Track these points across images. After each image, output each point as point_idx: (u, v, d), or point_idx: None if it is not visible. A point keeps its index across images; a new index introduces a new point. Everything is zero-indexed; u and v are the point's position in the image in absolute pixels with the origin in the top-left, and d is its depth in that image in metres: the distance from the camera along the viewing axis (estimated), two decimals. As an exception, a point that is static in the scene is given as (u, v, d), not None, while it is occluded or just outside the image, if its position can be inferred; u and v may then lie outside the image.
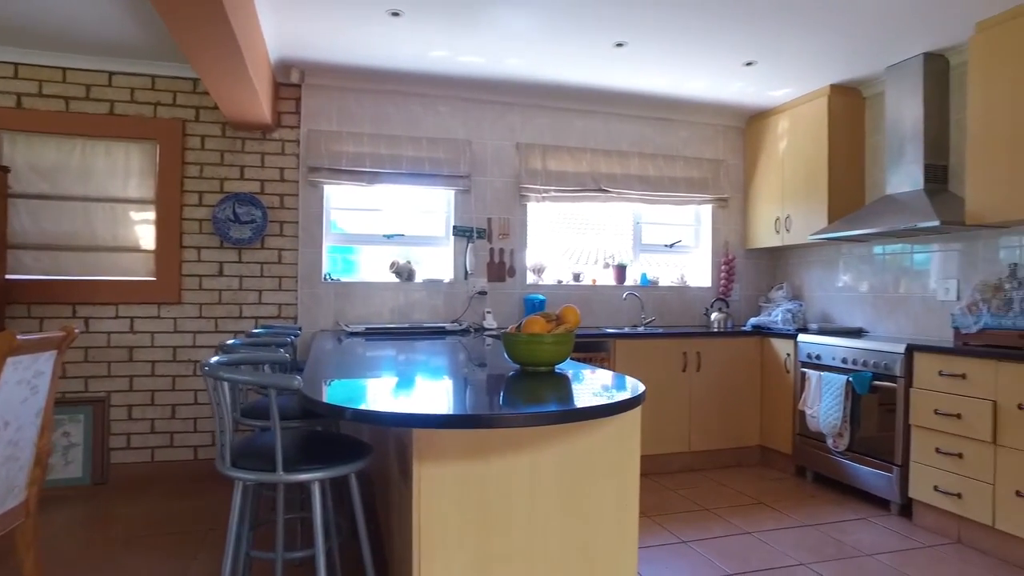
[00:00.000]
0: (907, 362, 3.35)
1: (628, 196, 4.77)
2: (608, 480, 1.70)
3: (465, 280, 4.51)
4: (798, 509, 3.53)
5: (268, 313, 4.15)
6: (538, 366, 2.03)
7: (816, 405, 3.82)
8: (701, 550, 2.96)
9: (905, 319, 4.04)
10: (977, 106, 3.31)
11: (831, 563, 2.83)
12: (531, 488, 1.63)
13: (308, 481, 1.64)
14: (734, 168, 5.12)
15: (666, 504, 3.60)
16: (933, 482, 3.19)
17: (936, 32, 3.46)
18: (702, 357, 4.28)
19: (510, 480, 1.61)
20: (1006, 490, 2.86)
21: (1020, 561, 2.85)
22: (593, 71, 4.09)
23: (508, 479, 1.60)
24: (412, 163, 4.34)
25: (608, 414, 1.47)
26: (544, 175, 4.63)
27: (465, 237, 4.51)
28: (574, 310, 2.07)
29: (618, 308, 4.81)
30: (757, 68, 3.99)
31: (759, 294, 5.15)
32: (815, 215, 4.32)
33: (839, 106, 4.27)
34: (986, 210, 3.25)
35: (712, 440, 4.32)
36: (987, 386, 2.95)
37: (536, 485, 1.63)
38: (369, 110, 4.33)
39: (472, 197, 4.54)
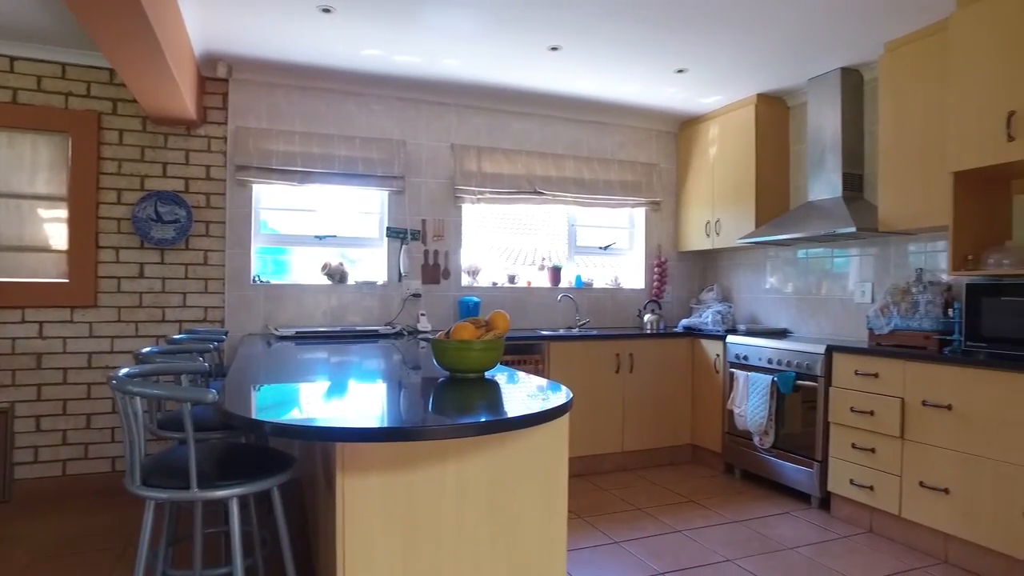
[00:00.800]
0: (827, 362, 3.49)
1: (563, 198, 4.81)
2: (536, 487, 1.70)
3: (399, 282, 4.45)
4: (726, 506, 3.63)
5: (193, 317, 3.98)
6: (467, 372, 2.02)
7: (743, 404, 3.94)
8: (633, 550, 3.01)
9: (826, 320, 4.22)
10: (887, 120, 3.49)
11: (756, 558, 2.92)
12: (458, 497, 1.61)
13: (225, 498, 1.57)
14: (667, 172, 5.24)
15: (600, 505, 3.65)
16: (849, 476, 3.34)
17: (850, 49, 3.62)
18: (635, 358, 4.35)
19: (437, 490, 1.58)
20: (911, 481, 3.02)
21: (922, 546, 3.01)
22: (529, 73, 4.10)
23: (435, 489, 1.58)
24: (345, 163, 4.25)
25: (534, 424, 1.47)
26: (479, 177, 4.61)
27: (399, 239, 4.45)
28: (504, 316, 2.07)
29: (553, 310, 4.84)
30: (688, 75, 4.09)
31: (690, 296, 5.28)
32: (743, 219, 4.46)
33: (765, 114, 4.42)
34: (896, 218, 3.42)
35: (645, 440, 4.40)
36: (896, 384, 3.11)
37: (463, 494, 1.61)
38: (300, 108, 4.21)
39: (406, 198, 4.48)
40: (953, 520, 2.85)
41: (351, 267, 4.43)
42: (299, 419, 1.40)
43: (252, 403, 1.62)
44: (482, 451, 1.63)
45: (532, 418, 1.47)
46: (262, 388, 1.86)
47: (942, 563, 2.90)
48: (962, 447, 2.82)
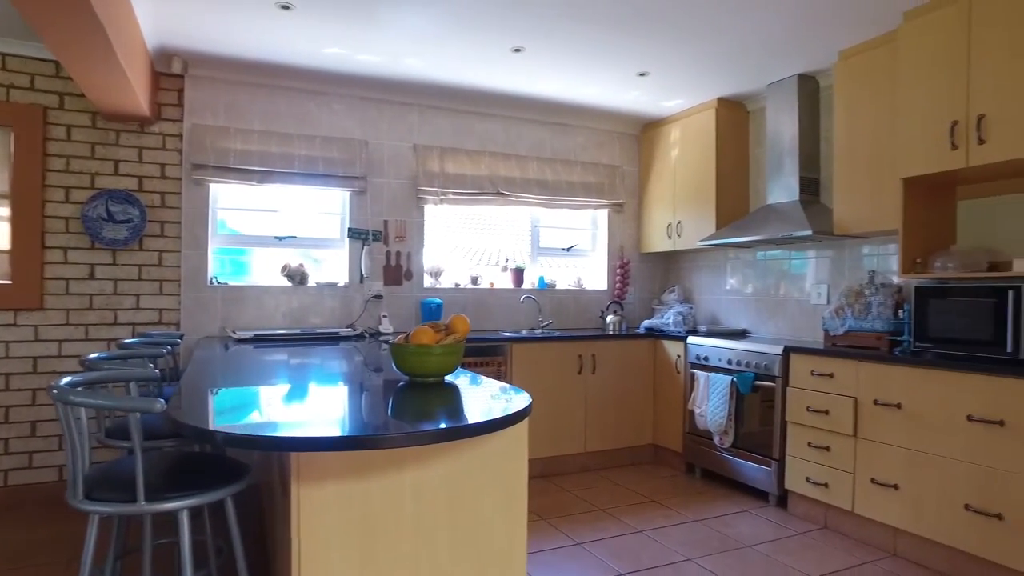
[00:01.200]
0: (784, 362, 3.56)
1: (526, 200, 4.81)
2: (496, 492, 1.69)
3: (361, 284, 4.40)
4: (687, 505, 3.67)
5: (147, 319, 3.87)
6: (427, 377, 2.00)
7: (704, 404, 4.00)
8: (595, 551, 3.02)
9: (784, 321, 4.30)
10: (841, 126, 3.58)
11: (715, 556, 2.96)
12: (416, 504, 1.59)
13: (174, 510, 1.52)
14: (629, 174, 5.28)
15: (562, 506, 3.65)
16: (805, 474, 3.41)
17: (807, 56, 3.70)
18: (597, 359, 4.38)
19: (395, 497, 1.56)
20: (863, 478, 3.10)
21: (874, 541, 3.10)
22: (492, 74, 4.09)
23: (393, 496, 1.56)
24: (305, 163, 4.18)
25: (493, 430, 1.46)
26: (442, 177, 4.58)
27: (360, 239, 4.39)
28: (464, 319, 2.05)
29: (516, 311, 4.84)
30: (650, 79, 4.12)
31: (652, 297, 5.33)
32: (704, 221, 4.53)
33: (726, 119, 4.49)
34: (850, 221, 3.51)
35: (607, 440, 4.43)
36: (850, 384, 3.19)
37: (422, 501, 1.59)
38: (259, 106, 4.13)
39: (368, 199, 4.43)
40: (902, 515, 2.93)
41: (317, 267, 4.36)
42: (252, 428, 1.37)
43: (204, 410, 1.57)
44: (441, 457, 1.61)
45: (491, 424, 1.46)
46: (216, 394, 1.81)
47: (891, 556, 2.98)
48: (910, 444, 2.90)
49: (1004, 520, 2.57)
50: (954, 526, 2.73)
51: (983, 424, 2.64)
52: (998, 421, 2.59)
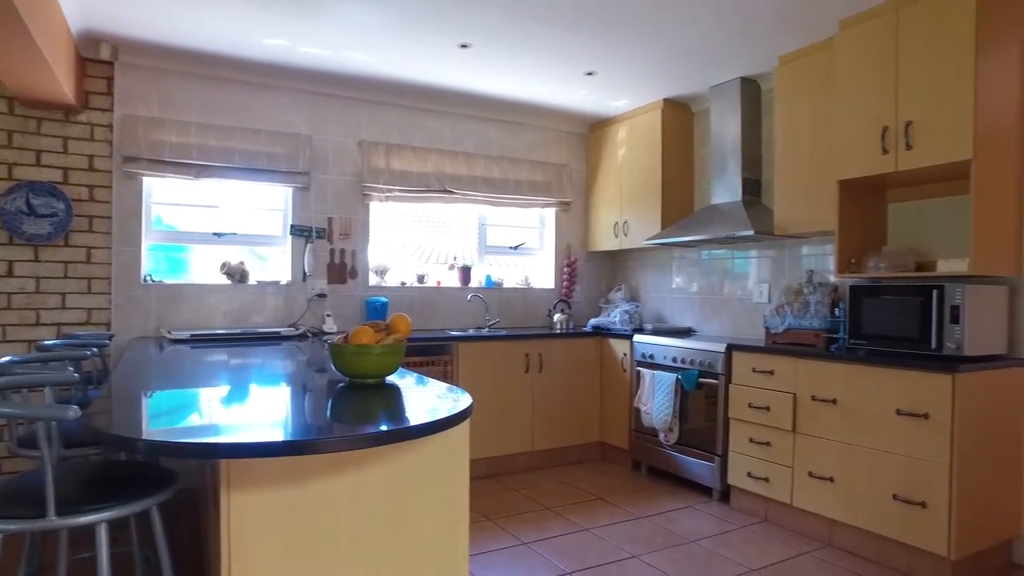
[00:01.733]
0: (727, 360, 3.63)
1: (473, 197, 4.78)
2: (437, 494, 1.65)
3: (304, 282, 4.28)
4: (633, 502, 3.70)
5: (74, 319, 3.67)
6: (367, 378, 1.94)
7: (649, 402, 4.04)
8: (541, 550, 3.01)
9: (728, 319, 4.39)
10: (781, 129, 3.66)
11: (660, 552, 2.99)
12: (355, 509, 1.54)
13: (91, 524, 1.43)
14: (577, 173, 5.30)
15: (509, 505, 3.64)
16: (747, 469, 3.48)
17: (748, 60, 3.77)
18: (544, 358, 4.38)
19: (332, 502, 1.51)
20: (802, 472, 3.19)
21: (811, 532, 3.19)
22: (439, 71, 4.03)
23: (330, 502, 1.51)
24: (246, 157, 4.04)
25: (432, 432, 1.42)
26: (388, 174, 4.51)
27: (303, 237, 4.28)
28: (405, 319, 2.01)
29: (462, 310, 4.80)
30: (597, 78, 4.14)
31: (599, 295, 5.37)
32: (650, 221, 4.58)
33: (671, 119, 4.55)
34: (790, 222, 3.60)
35: (555, 439, 4.43)
36: (789, 380, 3.27)
37: (361, 506, 1.54)
38: (197, 97, 3.97)
39: (312, 195, 4.31)
40: (837, 506, 3.02)
41: (261, 265, 4.23)
42: (177, 434, 1.30)
43: (128, 416, 1.49)
44: (380, 461, 1.56)
45: (430, 427, 1.42)
46: (143, 398, 1.71)
47: (827, 547, 3.07)
48: (845, 438, 2.99)
49: (927, 508, 2.68)
50: (883, 515, 2.83)
51: (910, 417, 2.74)
52: (923, 414, 2.69)
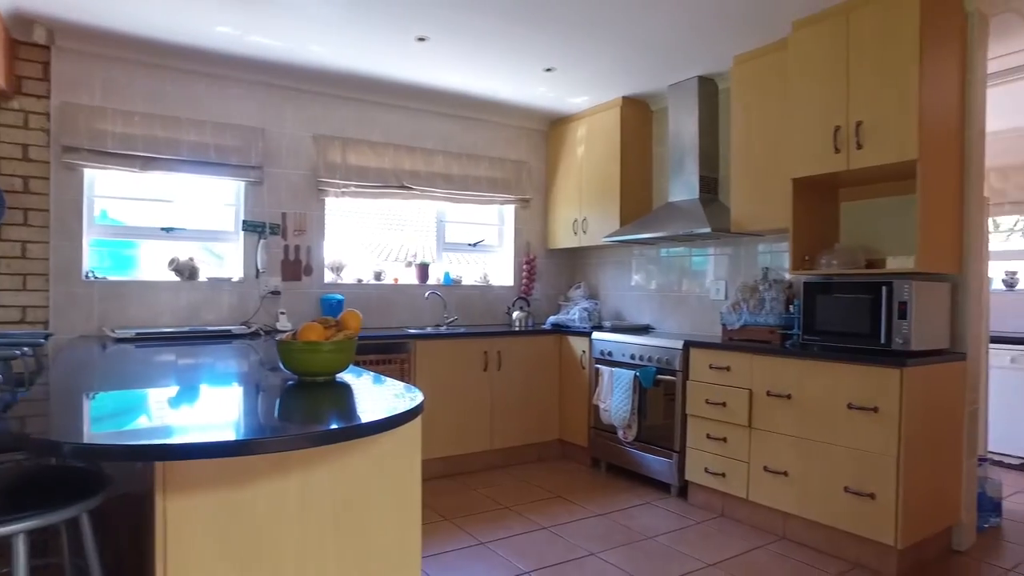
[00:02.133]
0: (684, 357, 3.65)
1: (432, 194, 4.71)
2: (388, 495, 1.60)
3: (257, 279, 4.16)
4: (592, 500, 3.70)
5: (8, 317, 3.49)
6: (316, 376, 1.88)
7: (608, 399, 4.04)
8: (499, 550, 2.98)
9: (685, 316, 4.42)
10: (738, 128, 3.70)
11: (618, 549, 2.99)
12: (302, 512, 1.48)
13: (6, 535, 1.33)
14: (536, 170, 5.28)
15: (467, 505, 3.59)
16: (704, 464, 3.51)
17: (706, 59, 3.81)
18: (503, 356, 4.34)
19: (278, 505, 1.45)
20: (757, 467, 3.22)
21: (766, 526, 3.23)
22: (397, 64, 3.96)
23: (276, 505, 1.44)
24: (194, 149, 3.90)
25: (381, 430, 1.37)
26: (344, 169, 4.41)
27: (256, 232, 4.15)
28: (355, 315, 1.95)
29: (420, 307, 4.73)
30: (556, 74, 4.12)
31: (559, 293, 5.36)
32: (609, 218, 4.58)
33: (630, 117, 4.56)
34: (746, 220, 3.64)
35: (514, 437, 4.40)
36: (745, 376, 3.30)
37: (308, 508, 1.48)
38: (142, 85, 3.81)
39: (265, 190, 4.19)
40: (791, 500, 3.06)
41: (216, 262, 4.10)
42: (108, 437, 1.22)
43: (57, 417, 1.40)
44: (327, 461, 1.51)
45: (379, 424, 1.37)
46: (76, 399, 1.62)
47: (781, 539, 3.11)
48: (799, 432, 3.03)
49: (876, 499, 2.73)
50: (835, 507, 2.88)
51: (861, 411, 2.79)
52: (873, 408, 2.74)
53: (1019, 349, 4.39)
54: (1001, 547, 3.08)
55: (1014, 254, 5.24)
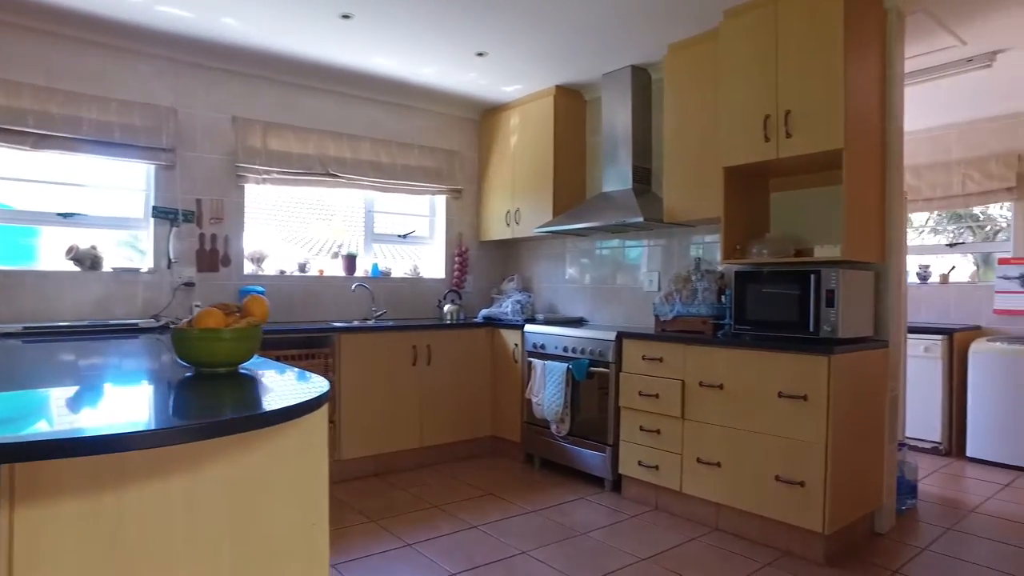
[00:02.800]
0: (617, 348, 3.60)
1: (359, 182, 4.52)
2: (289, 495, 1.44)
3: (169, 269, 3.88)
4: (524, 496, 3.60)
5: None
6: (216, 367, 1.69)
7: (541, 393, 3.95)
8: (426, 551, 2.84)
9: (620, 308, 4.38)
10: (670, 118, 3.68)
11: (550, 547, 2.90)
12: (189, 517, 1.30)
13: None
14: (469, 160, 5.15)
15: (394, 505, 3.43)
16: (638, 457, 3.46)
17: (639, 48, 3.77)
18: (433, 350, 4.19)
19: (161, 510, 1.27)
20: (690, 458, 3.20)
21: (699, 518, 3.21)
22: (320, 44, 3.75)
23: (158, 510, 1.26)
24: (97, 128, 3.59)
25: (274, 422, 1.22)
26: (266, 155, 4.17)
27: (168, 220, 3.87)
28: (260, 300, 1.77)
29: (347, 300, 4.53)
30: (488, 60, 4.00)
31: (492, 286, 5.25)
32: (542, 209, 4.50)
33: (564, 106, 4.49)
34: (679, 210, 3.62)
35: (445, 434, 4.27)
36: (678, 367, 3.27)
37: (196, 512, 1.31)
38: (35, 55, 3.47)
39: (177, 174, 3.91)
40: (723, 490, 3.05)
41: (138, 254, 3.79)
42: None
43: None
44: (219, 458, 1.34)
45: (272, 416, 1.22)
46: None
47: (715, 531, 3.09)
48: (730, 423, 3.02)
49: (805, 487, 2.74)
50: (766, 497, 2.87)
51: (790, 400, 2.79)
52: (802, 396, 2.75)
53: (932, 339, 4.56)
54: (918, 528, 3.16)
55: (927, 248, 5.46)
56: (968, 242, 5.34)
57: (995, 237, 5.24)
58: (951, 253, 5.37)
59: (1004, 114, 4.84)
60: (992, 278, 4.96)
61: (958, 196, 5.07)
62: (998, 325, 4.80)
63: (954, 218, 5.51)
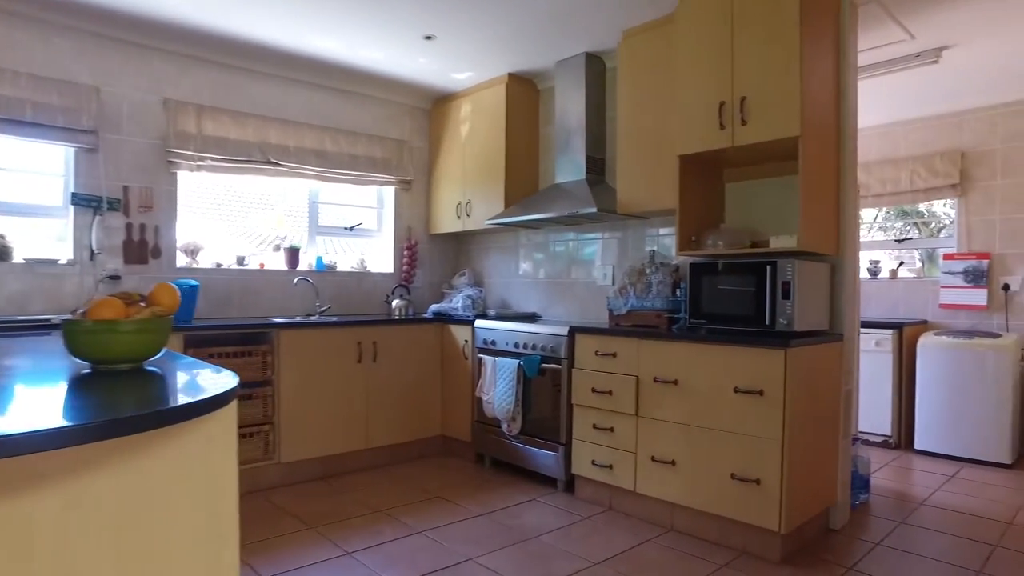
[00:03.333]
0: (570, 344, 3.48)
1: (303, 172, 4.29)
2: (192, 507, 1.26)
3: (91, 261, 3.59)
4: (473, 499, 3.45)
5: None
6: (115, 364, 1.50)
7: (491, 391, 3.81)
8: (366, 560, 2.66)
9: (574, 303, 4.27)
10: (624, 106, 3.58)
11: (498, 552, 2.75)
12: (66, 536, 1.11)
13: None
14: (419, 150, 4.97)
15: (335, 511, 3.24)
16: (591, 457, 3.35)
17: (593, 34, 3.66)
18: (379, 347, 4.01)
19: (26, 526, 1.08)
20: (644, 457, 3.10)
21: (654, 518, 3.11)
22: (259, 22, 3.53)
23: (22, 525, 1.07)
24: (6, 106, 3.29)
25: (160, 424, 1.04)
26: (201, 140, 3.91)
27: (91, 208, 3.59)
28: (169, 288, 1.58)
29: (289, 296, 4.30)
30: (437, 44, 3.84)
31: (443, 281, 5.08)
32: (493, 201, 4.35)
33: (516, 95, 4.35)
34: (633, 200, 3.52)
35: (393, 434, 4.08)
36: (632, 363, 3.16)
37: (76, 529, 1.12)
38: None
39: (101, 158, 3.63)
40: (678, 490, 2.95)
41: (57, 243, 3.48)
42: None
43: None
44: (104, 466, 1.15)
45: (157, 416, 1.04)
46: None
47: (670, 531, 3.00)
48: (686, 419, 2.93)
49: (761, 485, 2.66)
50: (722, 495, 2.79)
51: (747, 395, 2.71)
52: (758, 391, 2.67)
53: (883, 333, 4.59)
54: (871, 522, 3.13)
55: (877, 244, 5.52)
56: (915, 238, 5.42)
57: (939, 234, 5.33)
58: (899, 249, 5.44)
59: (949, 112, 4.91)
60: (937, 274, 5.03)
61: (906, 192, 5.12)
62: (943, 319, 4.88)
63: (901, 215, 5.59)
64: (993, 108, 4.72)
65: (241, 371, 3.48)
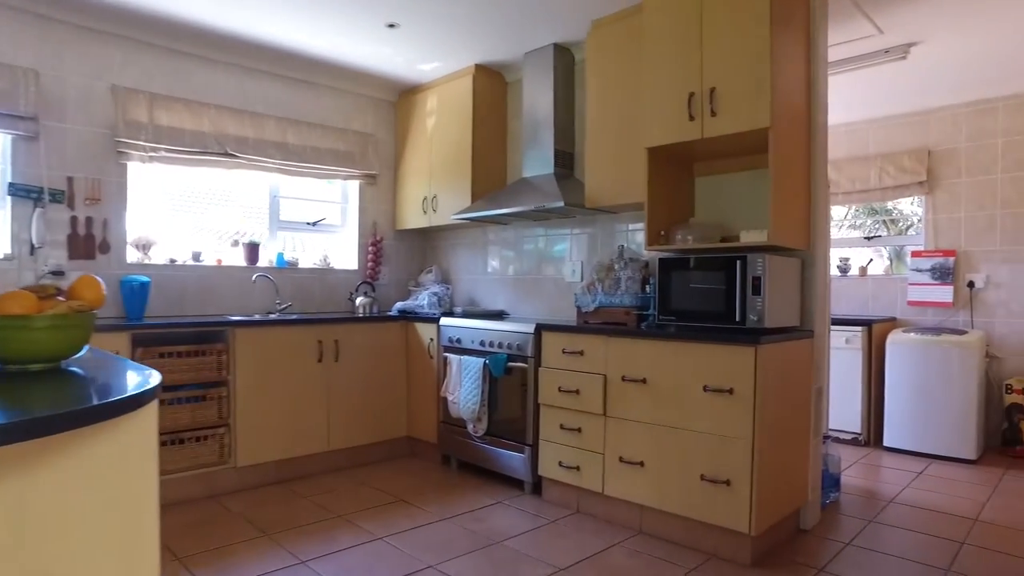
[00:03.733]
0: (537, 342, 3.38)
1: (262, 164, 4.13)
2: (106, 519, 1.13)
3: (31, 256, 3.40)
4: (437, 502, 3.34)
5: None
6: (28, 363, 1.36)
7: (457, 390, 3.70)
8: (321, 570, 2.53)
9: (542, 301, 4.17)
10: (593, 98, 3.49)
11: (461, 558, 2.65)
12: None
13: None
14: (385, 144, 4.83)
15: (292, 517, 3.10)
16: (558, 458, 3.26)
17: (562, 24, 3.57)
18: (341, 345, 3.87)
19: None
20: (612, 458, 3.01)
21: (622, 521, 3.03)
22: (215, 6, 3.36)
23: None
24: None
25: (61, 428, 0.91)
26: (153, 130, 3.73)
27: (31, 199, 3.39)
28: (94, 282, 1.45)
29: (247, 292, 4.13)
30: (401, 32, 3.71)
31: (409, 278, 4.95)
32: (460, 196, 4.23)
33: (484, 87, 4.24)
34: (601, 194, 3.44)
35: (355, 436, 3.95)
36: (599, 361, 3.08)
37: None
38: None
39: (42, 146, 3.43)
40: (647, 492, 2.87)
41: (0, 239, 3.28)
42: None
43: None
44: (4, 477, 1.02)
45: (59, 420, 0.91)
46: None
47: (638, 535, 2.92)
48: (655, 419, 2.85)
49: (731, 486, 2.60)
50: (691, 497, 2.72)
51: (717, 394, 2.64)
52: (728, 389, 2.60)
53: (853, 330, 4.58)
54: (841, 521, 3.09)
55: (846, 242, 5.52)
56: (883, 236, 5.44)
57: (907, 231, 5.35)
58: (868, 246, 5.46)
59: (916, 110, 4.92)
60: (905, 271, 5.05)
61: (875, 190, 5.13)
62: (911, 316, 4.89)
63: (870, 212, 5.61)
64: (957, 107, 4.75)
65: (194, 371, 3.32)
